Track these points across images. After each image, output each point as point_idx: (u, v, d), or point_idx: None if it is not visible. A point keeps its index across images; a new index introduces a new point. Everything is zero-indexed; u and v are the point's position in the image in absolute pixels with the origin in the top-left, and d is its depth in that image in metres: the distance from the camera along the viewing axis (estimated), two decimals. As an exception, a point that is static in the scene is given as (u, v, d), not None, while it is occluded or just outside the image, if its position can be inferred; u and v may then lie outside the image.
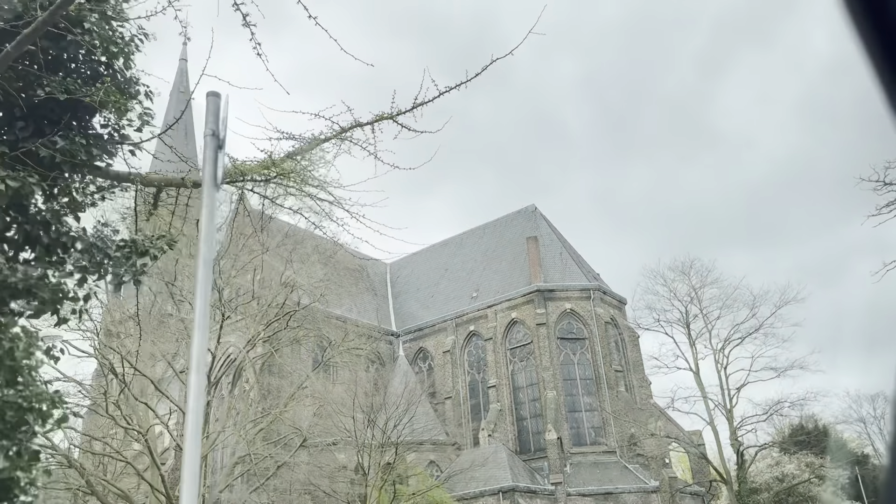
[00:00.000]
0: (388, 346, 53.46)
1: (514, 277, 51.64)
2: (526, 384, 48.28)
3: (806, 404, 33.77)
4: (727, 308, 34.61)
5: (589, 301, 49.36)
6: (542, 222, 55.23)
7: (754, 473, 37.38)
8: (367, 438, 30.00)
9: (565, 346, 48.32)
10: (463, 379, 50.88)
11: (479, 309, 51.24)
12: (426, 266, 60.12)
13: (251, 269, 37.35)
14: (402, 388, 48.71)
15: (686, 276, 35.09)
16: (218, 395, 35.58)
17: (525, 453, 46.17)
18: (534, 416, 46.93)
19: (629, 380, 49.32)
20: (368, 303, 55.89)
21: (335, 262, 55.42)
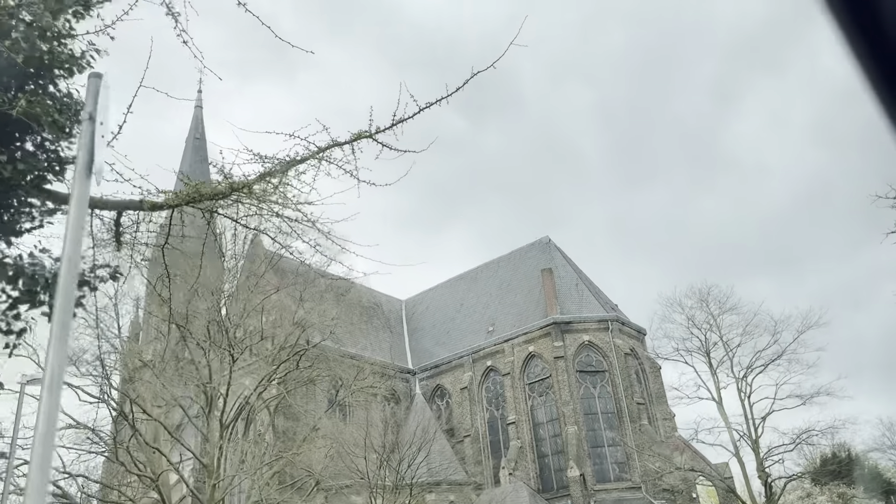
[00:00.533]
0: (404, 384, 52.78)
1: (530, 310, 50.99)
2: (546, 420, 47.26)
3: (836, 432, 32.58)
4: (748, 335, 33.74)
5: (607, 332, 48.50)
6: (557, 254, 54.72)
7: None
8: (382, 479, 29.17)
9: (585, 379, 47.35)
10: (482, 416, 49.95)
11: (496, 343, 50.52)
12: (441, 302, 59.66)
13: (263, 309, 37.23)
14: (417, 427, 48.05)
15: (704, 303, 34.32)
16: (234, 438, 35.08)
17: (548, 492, 44.96)
18: (555, 453, 45.82)
19: (652, 412, 48.14)
20: (384, 340, 55.48)
21: (349, 300, 55.26)
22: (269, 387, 37.14)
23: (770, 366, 33.38)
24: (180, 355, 37.17)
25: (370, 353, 49.94)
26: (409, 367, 54.06)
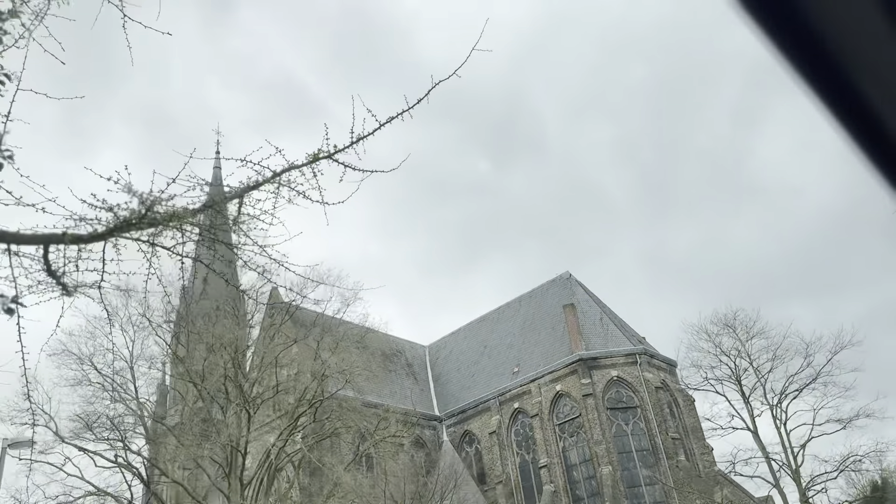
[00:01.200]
0: (431, 432, 51.61)
1: (555, 348, 49.85)
2: (579, 461, 45.67)
3: (883, 456, 30.68)
4: (779, 359, 32.33)
5: (636, 366, 47.11)
6: (578, 289, 53.75)
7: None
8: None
9: (616, 416, 45.84)
10: (512, 460, 48.47)
11: (522, 384, 49.32)
12: (465, 345, 58.75)
13: (282, 362, 36.79)
14: (448, 474, 46.78)
15: (730, 328, 33.05)
16: (258, 498, 34.26)
17: (586, 536, 43.17)
18: (591, 496, 44.10)
19: (689, 447, 46.32)
20: (409, 388, 54.56)
21: (369, 348, 54.63)
22: (291, 442, 36.51)
23: (805, 390, 31.92)
24: (205, 416, 36.75)
25: (394, 402, 48.96)
26: (435, 414, 52.95)
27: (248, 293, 40.92)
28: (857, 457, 30.30)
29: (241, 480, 31.02)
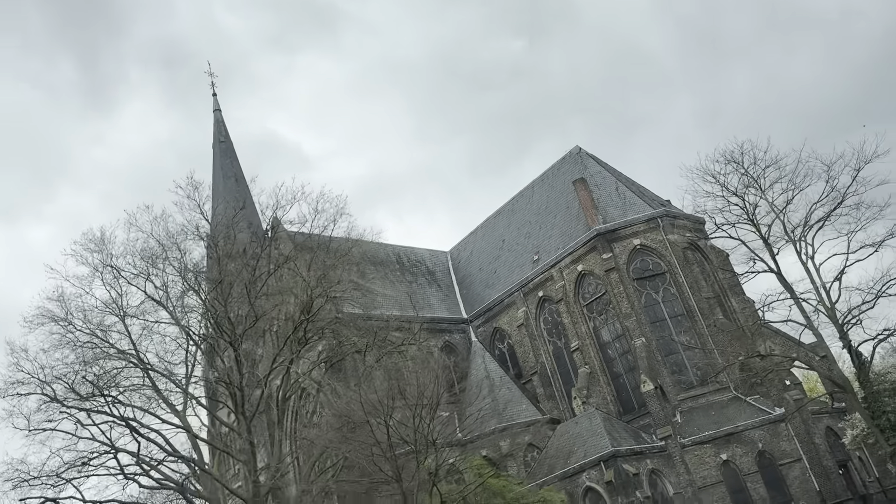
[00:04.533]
0: (462, 336, 50.22)
1: (572, 228, 47.04)
2: (612, 338, 43.55)
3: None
4: (797, 188, 28.76)
5: (659, 230, 44.00)
6: (591, 162, 50.26)
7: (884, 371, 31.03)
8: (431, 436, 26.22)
9: (644, 285, 43.19)
10: (545, 349, 46.75)
11: (543, 271, 46.96)
12: (483, 243, 56.50)
13: (287, 291, 35.29)
14: (481, 375, 45.53)
15: (737, 163, 29.36)
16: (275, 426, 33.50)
17: (629, 413, 41.45)
18: (629, 371, 42.13)
19: (728, 304, 43.52)
20: (432, 296, 53.01)
21: (382, 262, 52.87)
22: (299, 368, 35.46)
23: (831, 217, 28.38)
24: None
25: (421, 311, 47.53)
26: (462, 317, 51.41)
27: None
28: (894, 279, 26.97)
29: (244, 415, 30.15)
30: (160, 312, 31.23)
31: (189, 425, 31.82)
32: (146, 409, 29.82)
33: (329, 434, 26.27)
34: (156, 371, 31.27)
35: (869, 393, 27.76)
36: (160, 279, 30.96)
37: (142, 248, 30.59)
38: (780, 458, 36.25)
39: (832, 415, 38.64)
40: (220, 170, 66.65)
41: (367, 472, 25.39)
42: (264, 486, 30.02)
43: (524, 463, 40.77)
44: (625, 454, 35.19)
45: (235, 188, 63.96)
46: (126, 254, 30.74)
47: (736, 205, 29.49)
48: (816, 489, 35.44)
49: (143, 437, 28.28)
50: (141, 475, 28.28)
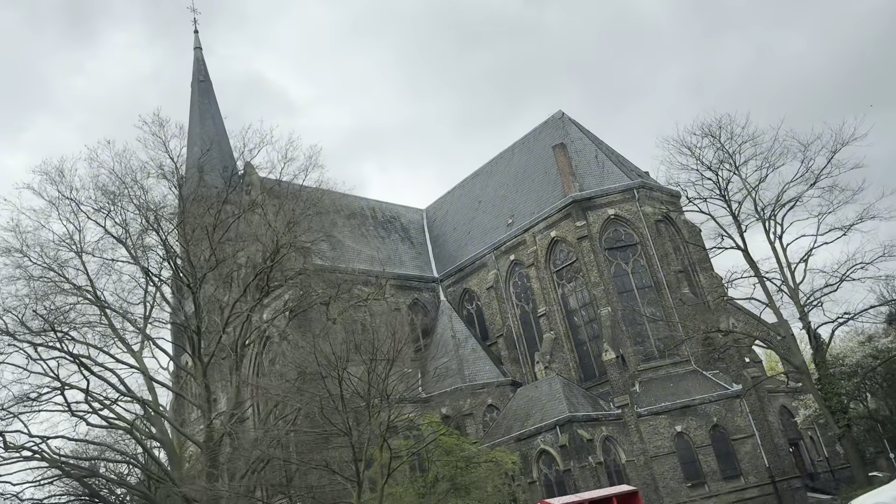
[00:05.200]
0: (431, 295, 50.06)
1: (548, 193, 46.69)
2: (579, 305, 43.63)
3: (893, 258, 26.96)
4: (772, 167, 28.51)
5: (634, 202, 43.78)
6: (572, 127, 49.68)
7: (841, 355, 31.39)
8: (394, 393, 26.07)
9: (615, 255, 43.12)
10: (512, 313, 46.78)
11: (516, 235, 46.73)
12: (460, 203, 56.04)
13: (257, 237, 34.60)
14: (447, 335, 45.51)
15: (714, 137, 28.97)
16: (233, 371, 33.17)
17: (590, 380, 41.81)
18: (593, 339, 42.33)
19: (696, 280, 43.65)
20: (404, 253, 52.66)
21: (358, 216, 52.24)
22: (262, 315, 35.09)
23: (804, 197, 28.25)
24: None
25: (389, 268, 47.21)
26: (432, 276, 51.19)
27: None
28: (861, 264, 27.01)
29: (201, 359, 29.81)
30: (120, 251, 30.54)
31: (145, 367, 31.41)
32: (101, 348, 29.33)
33: (283, 384, 26.01)
34: (113, 310, 30.67)
35: (823, 375, 28.02)
36: (121, 216, 30.18)
37: (103, 184, 29.72)
38: (734, 433, 36.80)
39: (788, 394, 39.22)
40: (197, 110, 65.22)
41: (318, 424, 25.25)
42: (218, 432, 29.86)
43: (483, 423, 41.13)
44: (581, 420, 35.50)
45: (213, 130, 62.65)
46: (86, 188, 29.87)
47: (709, 179, 29.29)
48: (766, 465, 36.08)
49: (94, 375, 27.83)
50: (90, 413, 27.91)
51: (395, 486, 27.88)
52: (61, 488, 32.77)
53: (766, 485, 35.65)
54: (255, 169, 42.56)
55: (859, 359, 30.38)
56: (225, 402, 36.70)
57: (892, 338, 30.72)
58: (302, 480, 30.28)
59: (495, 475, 29.33)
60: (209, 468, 28.34)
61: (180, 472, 29.72)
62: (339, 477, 25.12)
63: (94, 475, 30.34)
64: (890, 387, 34.32)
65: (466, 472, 27.73)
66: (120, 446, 33.21)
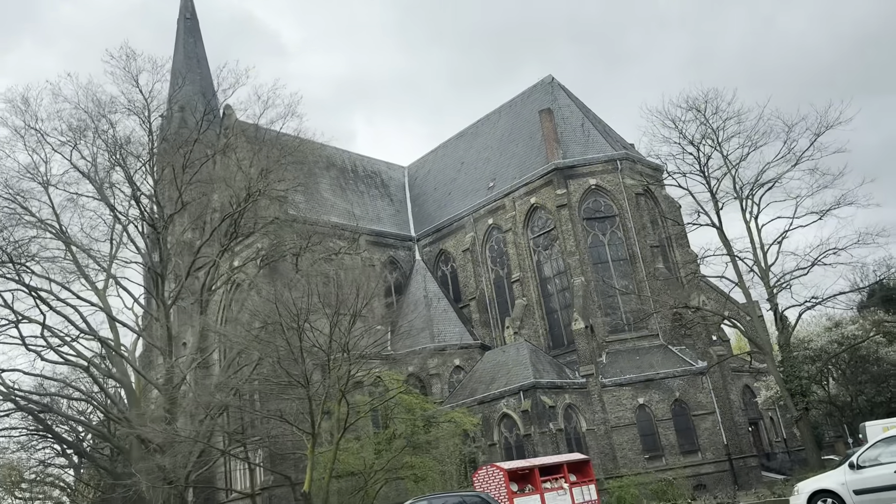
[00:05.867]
0: (406, 253, 49.71)
1: (532, 159, 46.15)
2: (553, 273, 43.51)
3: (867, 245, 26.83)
4: (754, 146, 28.17)
5: (616, 173, 43.39)
6: (561, 93, 48.92)
7: (806, 339, 31.54)
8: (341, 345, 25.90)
9: (593, 226, 42.88)
10: (486, 276, 46.61)
11: (496, 199, 46.30)
12: (443, 163, 55.36)
13: (228, 182, 33.85)
14: (419, 294, 45.28)
15: (699, 112, 28.53)
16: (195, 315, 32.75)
17: (559, 347, 41.92)
18: (565, 308, 42.31)
19: (671, 256, 43.55)
20: (383, 209, 52.12)
21: (337, 168, 51.42)
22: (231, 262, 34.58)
23: (783, 178, 27.98)
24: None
25: (365, 223, 46.70)
26: (409, 234, 50.76)
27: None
28: (834, 249, 26.90)
29: (163, 301, 29.36)
30: (86, 186, 29.75)
31: (108, 306, 30.92)
32: (62, 284, 28.74)
33: (244, 333, 25.68)
34: (77, 246, 30.01)
35: (786, 357, 28.12)
36: (89, 151, 29.33)
37: (68, 117, 28.80)
38: (695, 409, 37.12)
39: (752, 374, 39.54)
40: (182, 48, 63.51)
41: (278, 375, 25.02)
42: (178, 375, 29.59)
43: (449, 384, 41.22)
44: (545, 386, 35.59)
45: (197, 70, 61.20)
46: (53, 118, 28.94)
47: (690, 154, 28.90)
48: (724, 442, 36.50)
49: (52, 311, 27.31)
50: (46, 349, 27.47)
51: (352, 440, 27.88)
52: (18, 422, 32.49)
53: (722, 461, 36.14)
54: (234, 111, 41.69)
55: (824, 343, 30.53)
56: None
57: (858, 325, 30.86)
58: (259, 429, 30.20)
59: (454, 435, 29.39)
60: (167, 411, 28.11)
61: (139, 413, 29.49)
62: (295, 428, 24.99)
63: (50, 411, 29.99)
64: (852, 373, 34.65)
65: (424, 430, 27.72)
66: (79, 385, 32.84)
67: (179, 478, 26.83)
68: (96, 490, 38.24)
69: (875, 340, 30.39)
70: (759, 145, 28.00)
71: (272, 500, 34.61)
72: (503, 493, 17.98)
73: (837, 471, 15.83)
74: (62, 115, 28.34)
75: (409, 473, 25.93)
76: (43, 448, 38.45)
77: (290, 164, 32.62)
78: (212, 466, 36.31)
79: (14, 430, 30.63)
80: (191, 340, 41.31)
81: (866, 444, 16.12)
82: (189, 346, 39.55)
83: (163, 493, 26.84)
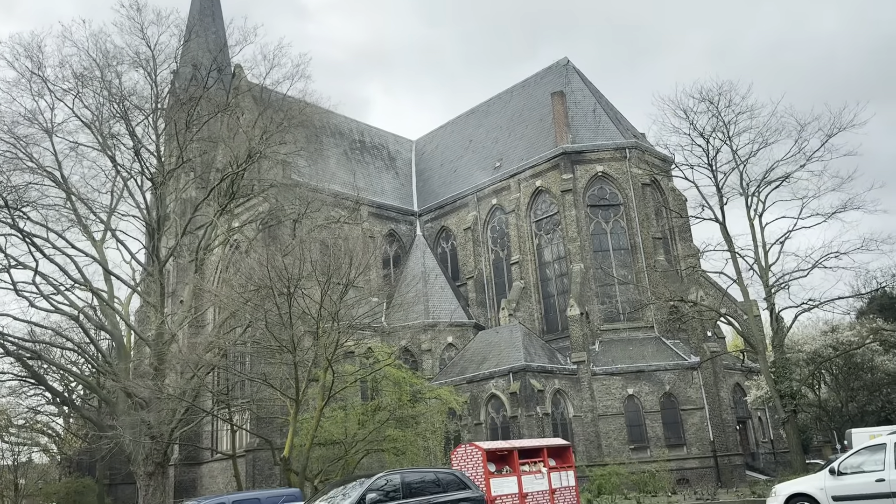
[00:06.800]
0: (408, 227, 49.46)
1: (540, 141, 45.67)
2: (552, 258, 43.26)
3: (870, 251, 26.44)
4: (764, 143, 27.70)
5: (625, 161, 42.92)
6: (575, 77, 48.27)
7: (801, 342, 31.27)
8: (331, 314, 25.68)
9: (596, 213, 42.55)
10: (486, 256, 46.40)
11: (502, 179, 45.92)
12: (451, 139, 54.89)
13: (230, 143, 33.51)
14: (418, 269, 45.11)
15: (711, 104, 28.01)
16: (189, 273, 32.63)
17: (552, 332, 41.82)
18: (562, 293, 42.12)
19: (673, 249, 43.19)
20: (387, 182, 51.78)
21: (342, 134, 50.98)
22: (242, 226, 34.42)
23: (791, 178, 27.53)
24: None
25: (367, 195, 46.34)
26: (412, 209, 50.46)
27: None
28: (836, 253, 26.55)
29: (157, 257, 29.23)
30: (87, 135, 29.46)
31: (105, 258, 30.77)
32: (58, 233, 28.56)
33: (235, 294, 25.52)
34: (76, 196, 29.78)
35: (779, 358, 27.89)
36: (93, 100, 29.00)
37: (73, 64, 28.42)
38: (684, 404, 37.03)
39: (743, 372, 39.37)
40: (198, 4, 62.81)
41: (266, 338, 24.92)
42: (168, 332, 29.52)
43: (441, 360, 41.20)
44: (535, 370, 35.50)
45: (212, 27, 60.54)
46: (62, 65, 28.58)
47: (699, 146, 28.43)
48: (710, 439, 36.45)
49: (45, 258, 27.17)
50: (37, 296, 27.39)
51: (338, 409, 27.84)
52: (9, 367, 32.51)
53: (707, 457, 36.11)
54: (243, 71, 41.23)
55: (818, 347, 30.28)
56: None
57: (855, 331, 30.57)
58: (246, 392, 30.21)
59: (439, 412, 29.36)
60: (155, 368, 28.07)
61: (126, 367, 29.48)
62: (279, 393, 24.94)
63: (40, 358, 30.00)
64: (845, 379, 34.44)
65: (410, 405, 27.67)
66: (71, 335, 32.82)
67: (163, 433, 26.88)
68: (83, 441, 38.47)
69: (871, 348, 30.17)
70: (770, 142, 27.58)
71: (255, 462, 34.78)
72: (480, 472, 17.88)
73: (817, 475, 15.68)
74: (70, 62, 28.01)
75: (390, 446, 25.91)
76: (34, 395, 38.69)
77: (294, 126, 32.18)
78: (198, 425, 36.48)
79: (3, 374, 30.66)
80: (186, 298, 41.33)
81: (850, 451, 15.95)
82: (184, 304, 39.56)
83: (145, 447, 26.89)
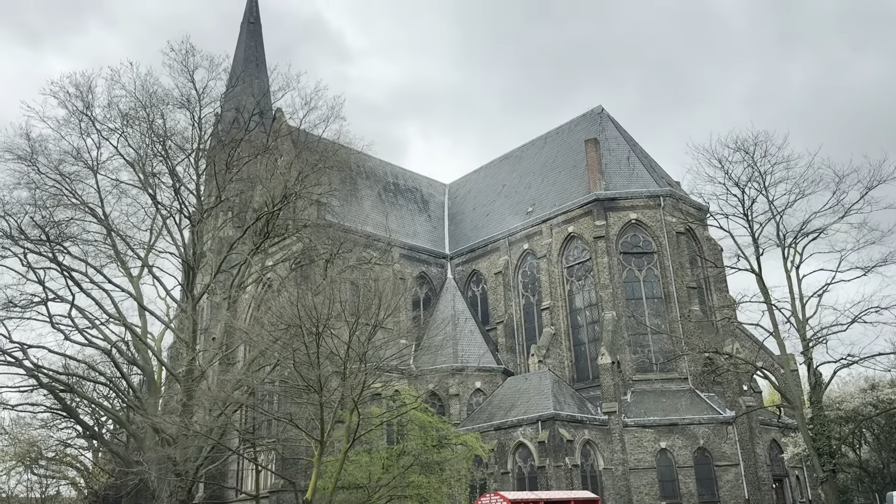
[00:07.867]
0: (439, 270, 49.53)
1: (573, 187, 45.68)
2: (584, 305, 42.79)
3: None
4: (801, 193, 27.30)
5: (658, 210, 42.62)
6: (609, 125, 48.42)
7: (839, 399, 30.19)
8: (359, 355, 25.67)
9: (629, 261, 42.13)
10: (517, 302, 46.10)
11: (534, 224, 45.88)
12: (484, 184, 55.23)
13: (267, 184, 34.17)
14: (448, 313, 44.98)
15: (747, 153, 27.78)
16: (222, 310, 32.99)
17: (582, 380, 41.12)
18: (593, 341, 41.53)
19: (708, 299, 42.43)
20: (420, 224, 52.12)
21: (375, 179, 51.65)
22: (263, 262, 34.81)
23: (829, 230, 27.00)
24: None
25: (399, 236, 46.65)
26: (444, 252, 50.58)
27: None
28: (877, 308, 25.79)
29: (192, 293, 29.66)
30: (129, 173, 30.35)
31: (140, 293, 31.36)
32: (96, 268, 29.23)
33: (264, 333, 25.69)
34: (116, 232, 30.55)
35: (817, 415, 26.97)
36: (136, 140, 29.94)
37: (124, 106, 29.47)
38: (718, 459, 35.88)
39: (780, 429, 38.10)
40: (243, 51, 64.98)
41: (294, 378, 24.94)
42: (198, 369, 29.73)
43: (468, 406, 40.72)
44: (564, 419, 34.81)
45: (255, 73, 62.49)
46: (107, 106, 29.64)
47: (735, 196, 28.10)
48: (746, 497, 35.16)
49: (82, 291, 27.76)
50: (72, 330, 27.91)
51: (362, 453, 27.58)
52: (42, 399, 32.99)
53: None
54: (283, 114, 42.28)
55: (857, 405, 29.22)
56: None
57: (894, 390, 29.47)
58: (270, 431, 30.13)
59: (465, 459, 28.88)
60: (184, 404, 28.23)
61: (155, 403, 29.71)
62: (304, 434, 24.81)
63: (71, 391, 30.42)
64: (887, 439, 33.08)
65: (435, 451, 27.28)
66: (104, 369, 33.29)
67: (188, 471, 26.85)
68: (110, 475, 38.61)
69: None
70: (807, 193, 27.13)
71: (279, 503, 34.48)
72: (504, 523, 17.47)
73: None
74: (117, 103, 29.04)
75: (414, 493, 25.48)
76: (65, 427, 39.12)
77: (329, 167, 32.73)
78: (224, 464, 36.40)
79: (36, 405, 31.12)
80: (218, 335, 41.75)
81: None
82: (215, 341, 39.94)
83: (170, 484, 26.87)
